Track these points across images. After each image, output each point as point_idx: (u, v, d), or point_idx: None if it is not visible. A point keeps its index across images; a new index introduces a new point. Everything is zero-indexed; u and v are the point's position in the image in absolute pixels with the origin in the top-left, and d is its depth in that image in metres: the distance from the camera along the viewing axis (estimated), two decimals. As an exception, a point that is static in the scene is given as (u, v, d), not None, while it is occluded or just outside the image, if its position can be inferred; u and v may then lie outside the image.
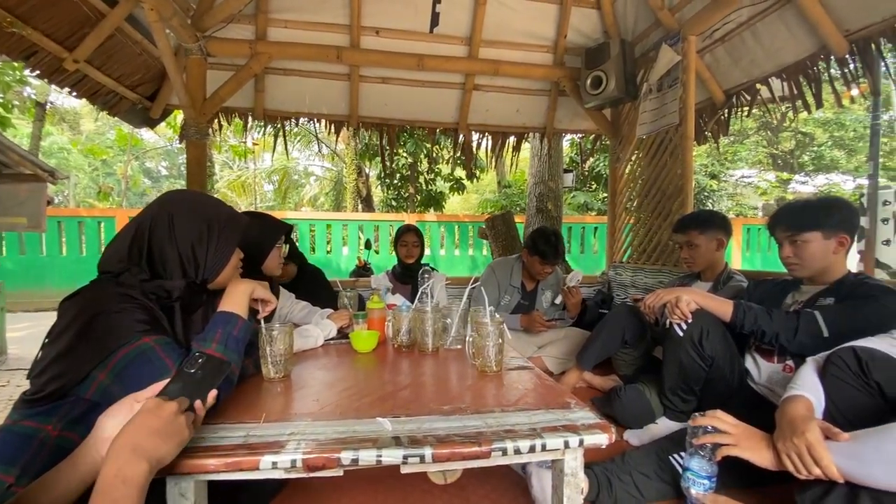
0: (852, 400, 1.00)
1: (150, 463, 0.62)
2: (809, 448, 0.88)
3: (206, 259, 1.01)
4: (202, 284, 1.03)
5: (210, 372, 0.77)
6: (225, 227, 1.04)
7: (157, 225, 0.98)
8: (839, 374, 1.02)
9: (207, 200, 1.09)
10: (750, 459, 0.99)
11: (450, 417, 0.85)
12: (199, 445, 0.73)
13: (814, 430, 0.90)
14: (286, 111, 3.44)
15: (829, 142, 13.89)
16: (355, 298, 1.83)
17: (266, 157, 18.08)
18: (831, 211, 1.40)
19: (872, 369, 0.98)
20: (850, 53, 2.19)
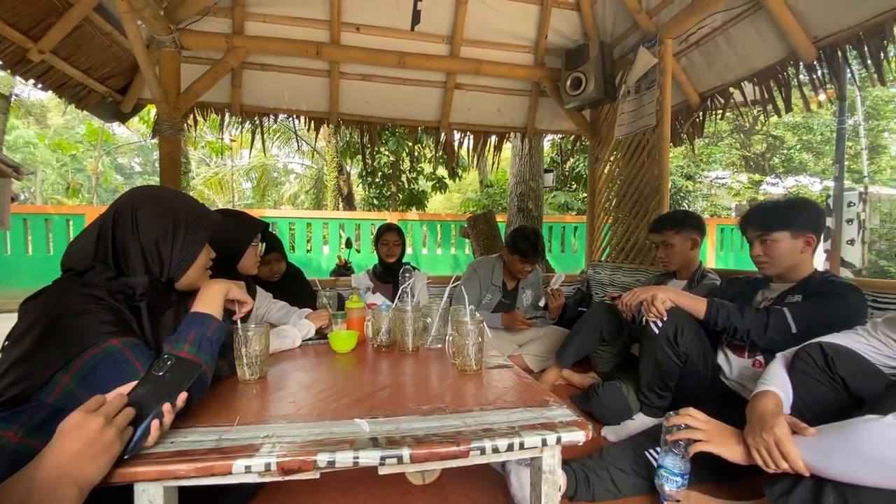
0: (818, 394, 1.04)
1: (79, 487, 0.60)
2: (777, 443, 0.90)
3: (171, 256, 0.98)
4: (169, 283, 1.00)
5: (180, 374, 0.75)
6: (193, 224, 1.01)
7: (121, 220, 0.95)
8: (806, 369, 1.05)
9: (175, 196, 1.05)
10: (721, 455, 1.02)
11: (428, 417, 0.85)
12: (169, 450, 0.71)
13: (782, 425, 0.92)
14: (264, 107, 3.38)
15: (798, 145, 14.40)
16: (335, 298, 1.81)
17: (244, 153, 17.74)
18: (799, 211, 1.45)
19: (837, 364, 1.01)
20: (818, 59, 2.27)
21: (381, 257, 2.64)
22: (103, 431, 0.64)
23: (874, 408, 0.85)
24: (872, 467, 0.78)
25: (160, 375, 0.75)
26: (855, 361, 1.03)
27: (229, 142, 12.50)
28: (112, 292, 0.89)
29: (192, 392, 0.82)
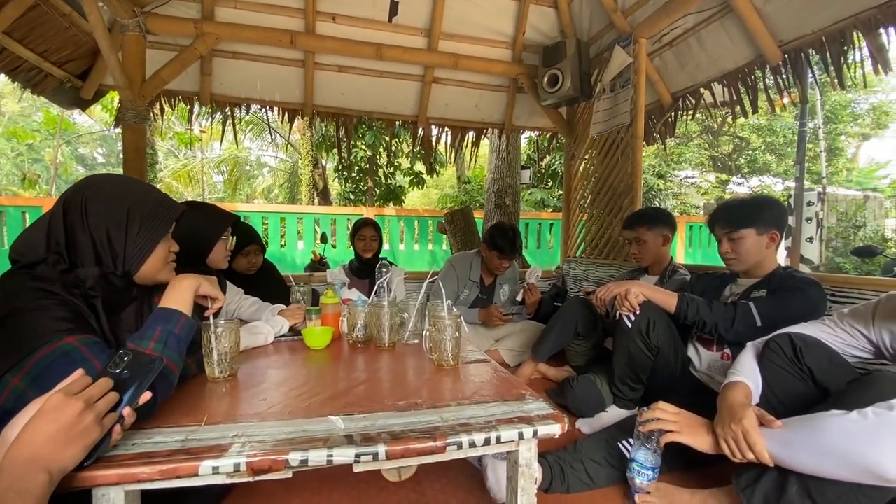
0: (787, 384, 1.07)
1: (49, 473, 0.57)
2: (745, 434, 0.93)
3: (124, 247, 0.92)
4: (126, 277, 0.94)
5: (138, 371, 0.71)
6: (151, 214, 0.96)
7: (71, 208, 0.89)
8: (775, 359, 1.09)
9: (132, 185, 0.99)
10: (691, 445, 1.05)
11: (405, 413, 0.84)
12: (131, 452, 0.68)
13: (749, 416, 0.95)
14: (235, 97, 3.26)
15: (762, 146, 14.98)
16: (309, 294, 1.78)
17: (215, 145, 17.21)
18: (763, 209, 1.51)
19: (805, 355, 1.05)
20: (783, 63, 2.35)
21: (357, 252, 2.60)
22: (82, 416, 0.61)
23: (837, 402, 0.89)
24: (834, 461, 0.81)
25: (117, 373, 0.70)
26: (822, 352, 1.07)
27: (199, 133, 12.09)
28: (67, 286, 0.84)
29: (157, 391, 0.79)
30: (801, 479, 0.88)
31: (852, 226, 10.18)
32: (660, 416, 1.10)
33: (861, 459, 0.77)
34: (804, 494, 0.87)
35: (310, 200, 11.33)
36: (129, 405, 0.68)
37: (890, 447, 0.74)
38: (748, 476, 0.97)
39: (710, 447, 1.03)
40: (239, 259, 2.01)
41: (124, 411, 0.67)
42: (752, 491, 0.95)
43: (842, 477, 0.81)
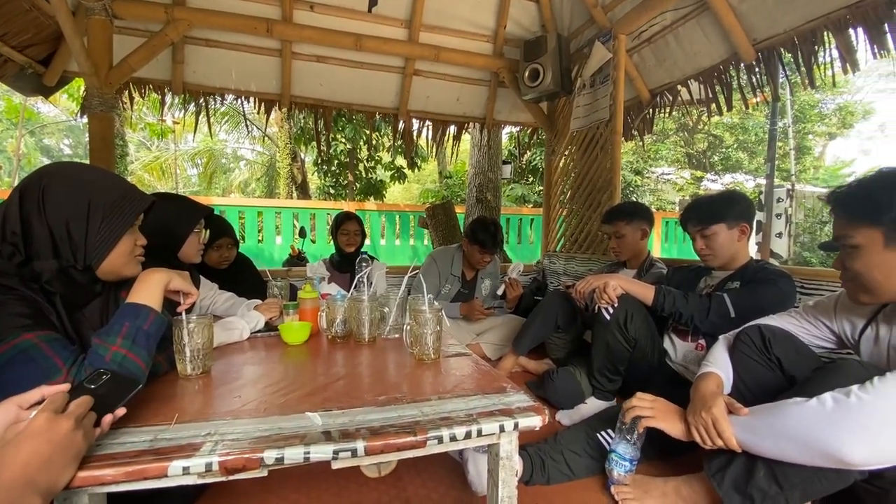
0: (756, 374, 1.11)
1: (42, 497, 0.55)
2: (714, 422, 0.96)
3: (85, 240, 0.87)
4: (88, 271, 0.90)
5: (116, 393, 0.69)
6: (114, 205, 0.91)
7: (28, 197, 0.84)
8: (746, 350, 1.12)
9: (95, 174, 0.94)
10: (665, 430, 1.08)
11: (385, 408, 0.82)
12: (96, 454, 0.64)
13: (719, 405, 0.98)
14: (209, 86, 3.16)
15: (735, 144, 15.42)
16: (286, 288, 1.74)
17: (189, 137, 16.71)
18: (731, 204, 1.57)
19: (774, 346, 1.08)
20: (757, 61, 2.40)
21: (339, 247, 2.55)
22: (74, 434, 0.59)
23: (800, 390, 0.91)
24: (795, 446, 0.84)
25: (92, 389, 0.68)
26: (789, 342, 1.10)
27: (172, 124, 11.71)
28: (25, 280, 0.79)
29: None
30: (767, 464, 0.91)
31: (819, 221, 10.59)
32: (637, 403, 1.13)
33: (820, 444, 0.80)
34: (770, 478, 0.90)
35: (288, 195, 11.12)
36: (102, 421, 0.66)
37: (847, 432, 0.77)
38: (718, 462, 1.00)
39: (683, 434, 1.06)
40: (210, 253, 1.95)
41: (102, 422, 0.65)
42: (721, 476, 0.98)
43: (803, 461, 0.84)
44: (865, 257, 0.91)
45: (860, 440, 0.76)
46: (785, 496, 0.89)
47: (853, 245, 0.92)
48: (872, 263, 0.90)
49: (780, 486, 0.89)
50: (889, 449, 0.75)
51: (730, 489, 0.96)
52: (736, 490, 0.95)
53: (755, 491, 0.92)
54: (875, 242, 0.89)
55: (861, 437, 0.76)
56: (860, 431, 0.76)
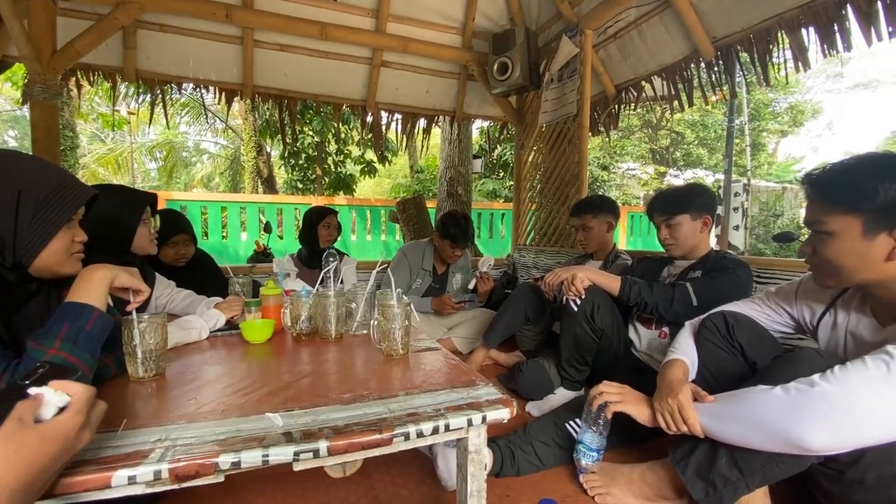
0: (720, 360, 1.14)
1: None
2: (680, 408, 0.98)
3: (14, 236, 0.80)
4: (19, 269, 0.83)
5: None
6: (49, 199, 0.83)
7: None
8: (710, 336, 1.15)
9: (26, 164, 0.86)
10: (632, 415, 1.10)
11: (350, 406, 0.80)
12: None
13: (685, 392, 1.00)
14: (165, 74, 3.00)
15: (695, 141, 16.03)
16: (249, 285, 1.67)
17: (148, 130, 15.93)
18: (695, 196, 1.62)
19: (737, 332, 1.11)
20: (716, 59, 2.48)
21: (316, 241, 2.45)
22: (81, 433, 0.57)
23: (764, 377, 0.94)
24: (759, 433, 0.86)
25: (26, 385, 0.62)
26: (752, 328, 1.13)
27: (127, 115, 11.10)
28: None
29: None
30: (729, 451, 0.94)
31: (772, 215, 11.17)
32: (605, 389, 1.15)
33: (783, 431, 0.82)
34: (732, 465, 0.93)
35: (253, 189, 10.79)
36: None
37: (809, 420, 0.79)
38: (683, 449, 1.02)
39: (649, 419, 1.08)
40: (166, 249, 1.86)
41: None
42: (685, 463, 1.00)
43: (766, 447, 0.87)
44: (839, 244, 0.89)
45: (821, 427, 0.78)
46: (745, 481, 0.92)
47: (827, 231, 0.91)
48: (845, 251, 0.89)
49: (741, 471, 0.92)
50: (847, 435, 0.78)
51: (693, 476, 0.98)
52: (699, 476, 0.97)
53: (717, 477, 0.95)
54: (851, 230, 0.87)
55: (821, 425, 0.78)
56: (821, 419, 0.78)
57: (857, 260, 0.89)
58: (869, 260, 0.87)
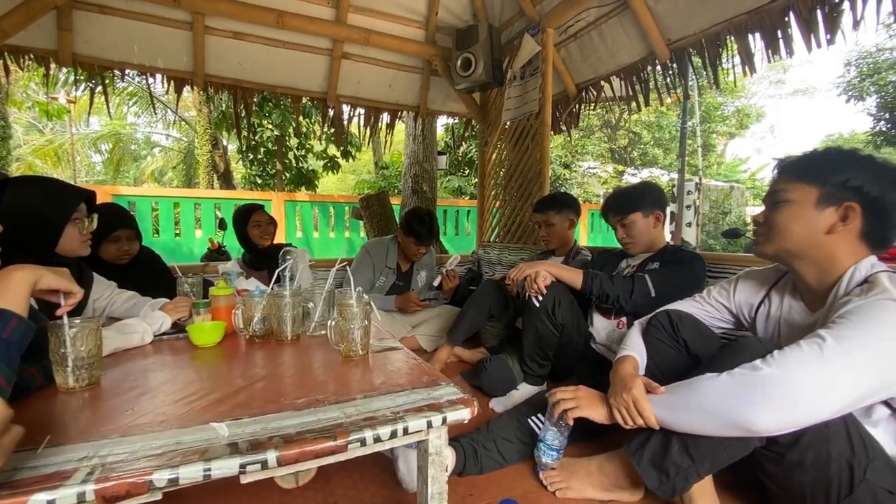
0: (666, 356, 1.18)
1: None
2: (635, 402, 1.00)
3: None
4: None
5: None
6: None
7: None
8: (657, 334, 1.19)
9: None
10: (589, 417, 1.11)
11: (303, 412, 0.76)
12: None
13: (638, 386, 1.03)
14: (106, 60, 2.78)
15: (651, 141, 16.69)
16: (200, 285, 1.58)
17: (92, 120, 14.93)
18: (645, 194, 1.68)
19: (681, 329, 1.16)
20: (671, 61, 2.57)
21: (252, 241, 2.32)
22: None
23: (710, 366, 0.98)
24: (710, 418, 0.89)
25: None
26: (694, 325, 1.19)
27: (66, 103, 10.33)
28: None
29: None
30: (680, 440, 0.97)
31: (721, 212, 11.79)
32: (561, 396, 1.16)
33: (731, 415, 0.85)
34: (683, 452, 0.96)
35: (209, 184, 10.32)
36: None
37: (753, 403, 0.83)
38: (637, 441, 1.05)
39: (606, 418, 1.10)
40: (106, 246, 1.73)
41: None
42: (640, 454, 1.03)
43: (716, 432, 0.90)
44: (793, 210, 0.99)
45: (764, 409, 0.82)
46: (696, 468, 0.95)
47: (786, 199, 1.00)
48: (796, 216, 0.99)
49: (692, 458, 0.95)
50: (789, 415, 0.81)
51: (648, 466, 1.01)
52: (653, 466, 1.00)
53: (670, 465, 0.97)
54: (808, 199, 0.97)
55: (764, 406, 0.82)
56: (764, 401, 0.82)
57: (804, 226, 0.98)
58: (813, 229, 0.97)
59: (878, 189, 0.92)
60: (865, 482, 0.83)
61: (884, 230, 0.94)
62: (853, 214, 0.94)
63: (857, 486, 0.83)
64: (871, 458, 0.84)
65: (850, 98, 12.70)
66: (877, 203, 0.92)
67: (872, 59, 12.24)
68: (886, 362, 0.79)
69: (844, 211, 0.94)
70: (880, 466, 0.85)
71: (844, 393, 0.79)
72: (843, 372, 0.79)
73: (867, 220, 0.94)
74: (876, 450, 0.86)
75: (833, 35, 1.88)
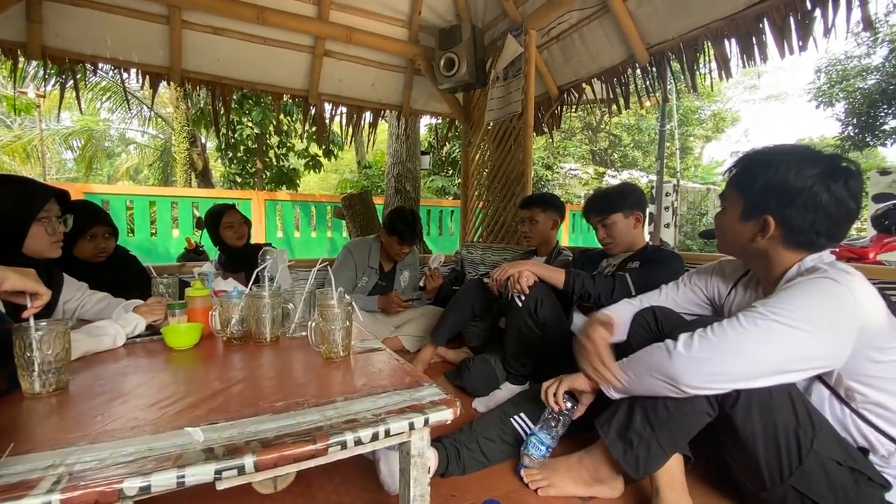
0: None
1: None
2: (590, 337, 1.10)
3: None
4: None
5: None
6: None
7: None
8: (641, 332, 1.21)
9: None
10: (572, 386, 1.16)
11: (282, 415, 0.74)
12: None
13: (596, 329, 1.12)
14: (77, 52, 2.68)
15: (631, 143, 17.00)
16: (175, 286, 1.54)
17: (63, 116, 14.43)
18: (625, 195, 1.71)
19: (664, 323, 1.17)
20: (650, 64, 2.61)
21: (225, 243, 2.26)
22: None
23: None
24: (648, 374, 0.96)
25: None
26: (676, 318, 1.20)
27: (36, 98, 9.94)
28: None
29: None
30: (642, 409, 1.02)
31: (698, 213, 12.08)
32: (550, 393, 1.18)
33: (664, 370, 0.92)
34: (644, 420, 1.02)
35: (186, 182, 10.08)
36: None
37: (679, 358, 0.90)
38: (605, 415, 1.10)
39: (585, 384, 1.15)
40: (83, 244, 1.67)
41: None
42: (608, 426, 1.08)
43: (659, 389, 0.95)
44: (726, 218, 1.08)
45: (693, 366, 0.89)
46: (656, 437, 1.00)
47: (723, 207, 1.09)
48: (727, 226, 1.07)
49: (652, 426, 1.00)
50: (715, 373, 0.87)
51: (614, 437, 1.06)
52: (619, 437, 1.05)
53: (633, 435, 1.02)
54: (736, 209, 1.04)
55: (694, 365, 0.89)
56: (692, 359, 0.89)
57: (733, 235, 1.06)
58: (740, 238, 1.04)
59: (783, 203, 0.95)
60: (814, 452, 0.87)
61: (803, 238, 0.96)
62: (769, 227, 0.97)
63: (805, 456, 0.87)
64: (817, 429, 0.88)
65: (820, 104, 13.17)
66: (786, 217, 0.95)
67: (841, 66, 12.71)
68: (811, 330, 0.84)
69: (763, 223, 0.99)
70: (826, 437, 0.89)
71: (767, 355, 0.85)
72: (767, 334, 0.84)
73: (784, 231, 0.97)
74: (822, 422, 0.91)
75: (805, 42, 1.94)
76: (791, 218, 0.95)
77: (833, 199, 0.91)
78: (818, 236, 0.95)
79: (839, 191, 0.91)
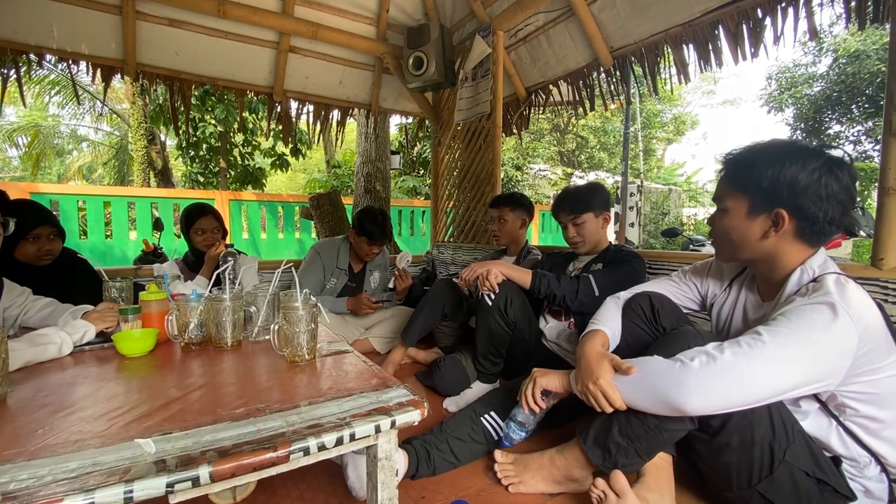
0: (644, 343, 1.18)
1: None
2: (604, 393, 1.00)
3: None
4: None
5: None
6: None
7: None
8: (635, 319, 1.21)
9: None
10: (547, 386, 1.16)
11: (241, 423, 0.71)
12: None
13: (605, 374, 1.01)
14: (20, 42, 2.50)
15: (597, 145, 17.45)
16: (130, 289, 1.46)
17: (8, 110, 13.53)
18: (596, 194, 1.74)
19: (661, 316, 1.19)
20: (614, 68, 2.68)
21: (194, 247, 2.13)
22: None
23: (655, 351, 1.02)
24: (651, 397, 0.94)
25: None
26: (675, 314, 1.21)
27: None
28: None
29: None
30: (619, 421, 1.02)
31: (661, 213, 12.51)
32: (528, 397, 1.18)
33: (667, 396, 0.91)
34: (621, 433, 1.02)
35: (145, 182, 9.64)
36: None
37: (685, 388, 0.88)
38: (585, 421, 1.11)
39: (561, 385, 1.15)
40: (25, 246, 1.57)
41: None
42: (587, 433, 1.08)
43: (658, 411, 0.94)
44: (728, 220, 1.04)
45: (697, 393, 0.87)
46: (634, 447, 1.01)
47: (723, 208, 1.05)
48: (732, 227, 1.03)
49: (630, 438, 1.01)
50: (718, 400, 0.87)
51: (592, 444, 1.06)
52: (597, 444, 1.06)
53: (612, 444, 1.03)
54: (740, 209, 1.01)
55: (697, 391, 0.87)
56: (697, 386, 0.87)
57: (740, 236, 1.03)
58: (748, 237, 1.01)
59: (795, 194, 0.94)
60: (784, 463, 0.90)
61: (817, 228, 0.96)
62: (783, 220, 0.96)
63: (776, 467, 0.90)
64: (790, 440, 0.91)
65: (771, 109, 13.91)
66: (800, 208, 0.95)
67: (790, 73, 13.48)
68: (812, 360, 0.85)
69: (775, 217, 0.97)
70: (798, 449, 0.91)
71: (770, 385, 0.85)
72: (772, 366, 0.85)
73: (798, 222, 0.97)
74: (796, 433, 0.93)
75: (756, 49, 2.04)
76: (805, 208, 0.94)
77: (841, 187, 0.93)
78: (830, 224, 0.95)
79: (844, 178, 0.93)
